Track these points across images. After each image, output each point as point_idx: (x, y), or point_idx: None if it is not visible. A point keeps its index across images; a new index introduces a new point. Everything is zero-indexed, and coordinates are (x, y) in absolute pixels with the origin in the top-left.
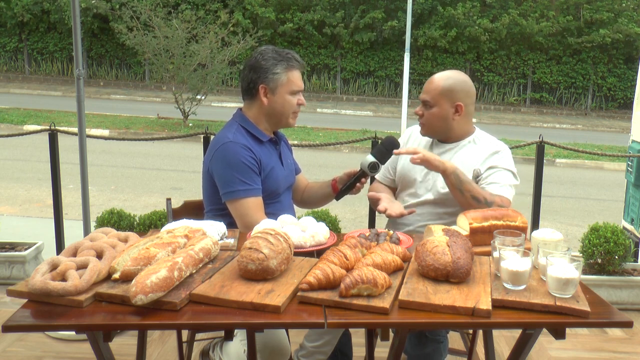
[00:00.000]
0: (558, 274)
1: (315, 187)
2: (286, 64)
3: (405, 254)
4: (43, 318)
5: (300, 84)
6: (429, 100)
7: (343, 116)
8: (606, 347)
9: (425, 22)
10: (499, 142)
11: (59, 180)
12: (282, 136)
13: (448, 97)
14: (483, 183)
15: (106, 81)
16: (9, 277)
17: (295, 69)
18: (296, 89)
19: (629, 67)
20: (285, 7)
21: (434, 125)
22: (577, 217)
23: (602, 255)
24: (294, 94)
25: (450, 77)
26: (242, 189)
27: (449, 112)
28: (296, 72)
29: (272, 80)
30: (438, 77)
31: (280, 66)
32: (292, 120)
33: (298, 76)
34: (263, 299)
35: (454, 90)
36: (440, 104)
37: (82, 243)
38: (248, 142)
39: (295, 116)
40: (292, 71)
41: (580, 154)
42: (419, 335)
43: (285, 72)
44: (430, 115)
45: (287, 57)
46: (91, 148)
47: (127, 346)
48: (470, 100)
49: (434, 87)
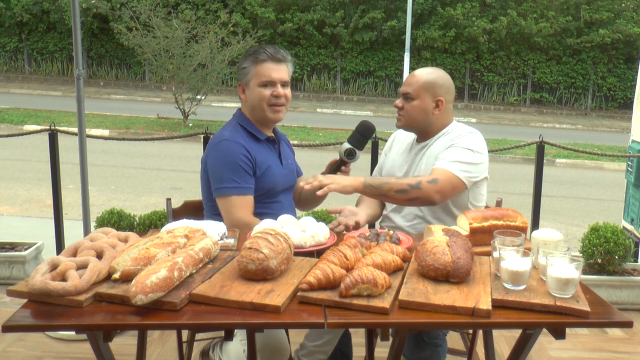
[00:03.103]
0: (558, 274)
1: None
2: (254, 57)
3: (405, 254)
4: (43, 318)
5: (270, 75)
6: (411, 92)
7: (343, 116)
8: (606, 347)
9: (425, 22)
10: (470, 129)
11: (59, 180)
12: (282, 136)
13: (430, 91)
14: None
15: (106, 81)
16: (9, 277)
17: (265, 61)
18: (265, 80)
19: (629, 67)
20: (285, 7)
21: (413, 118)
22: (577, 217)
23: (602, 255)
24: (264, 85)
25: (433, 73)
26: (231, 187)
27: (430, 106)
28: (266, 64)
29: (244, 76)
30: (420, 71)
31: (247, 60)
32: (270, 114)
33: (269, 67)
34: (263, 299)
35: (436, 85)
36: (422, 97)
37: (82, 243)
38: (244, 140)
39: (273, 109)
40: (260, 64)
41: (580, 154)
42: (416, 339)
43: (253, 65)
44: (411, 108)
45: (256, 50)
46: (91, 148)
47: (127, 346)
48: (450, 97)
49: (416, 80)
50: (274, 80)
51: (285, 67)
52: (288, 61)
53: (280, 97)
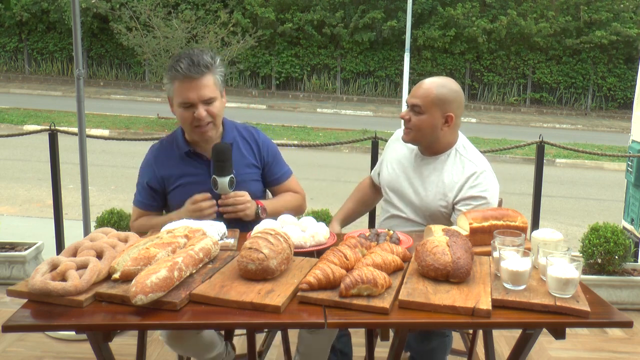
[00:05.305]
0: (558, 274)
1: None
2: (170, 73)
3: (405, 254)
4: (43, 318)
5: (187, 96)
6: (420, 105)
7: (343, 116)
8: (606, 347)
9: (425, 22)
10: (480, 158)
11: (59, 180)
12: (248, 136)
13: (440, 107)
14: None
15: (106, 81)
16: (9, 277)
17: (181, 79)
18: (183, 102)
19: (629, 67)
20: (285, 7)
21: (421, 133)
22: (577, 217)
23: (602, 255)
24: (184, 107)
25: (445, 86)
26: (135, 194)
27: (439, 121)
28: (183, 84)
29: (168, 92)
30: (430, 83)
31: (167, 76)
32: (196, 136)
33: (185, 87)
34: (263, 299)
35: (447, 101)
36: (431, 112)
37: (82, 243)
38: (160, 153)
39: (198, 132)
40: (176, 82)
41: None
42: (422, 330)
43: (172, 83)
44: (419, 122)
45: (173, 65)
46: (91, 148)
47: (127, 346)
48: (460, 112)
49: (426, 94)
50: (192, 102)
51: (207, 80)
52: (211, 70)
53: (202, 119)
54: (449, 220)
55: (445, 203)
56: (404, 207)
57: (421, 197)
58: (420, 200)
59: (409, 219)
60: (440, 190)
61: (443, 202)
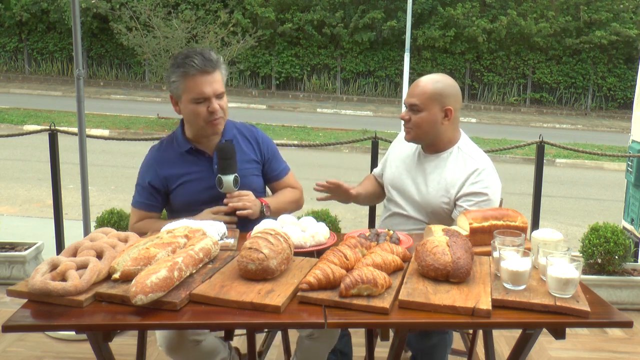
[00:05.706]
0: (558, 274)
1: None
2: (182, 70)
3: (405, 254)
4: (43, 318)
5: (203, 90)
6: (418, 104)
7: (343, 116)
8: (606, 347)
9: (425, 22)
10: (482, 156)
11: (59, 180)
12: (248, 133)
13: (438, 101)
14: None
15: (106, 81)
16: (9, 277)
17: (194, 75)
18: (197, 97)
19: (629, 67)
20: (285, 7)
21: (423, 131)
22: (577, 217)
23: (602, 255)
24: (197, 102)
25: (440, 81)
26: (134, 195)
27: (439, 116)
28: (197, 78)
29: (174, 90)
30: (426, 80)
31: (176, 73)
32: (209, 130)
33: (200, 82)
34: (263, 299)
35: (443, 94)
36: (430, 108)
37: (82, 243)
38: (161, 153)
39: (212, 125)
40: (190, 78)
41: (580, 154)
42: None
43: (183, 80)
44: (420, 120)
45: (184, 61)
46: (91, 148)
47: (127, 346)
48: (459, 105)
49: (422, 91)
50: (207, 96)
51: (218, 75)
52: (219, 66)
53: (216, 112)
54: (450, 217)
55: (447, 199)
56: (406, 204)
57: (423, 194)
58: (422, 197)
59: (410, 216)
60: (442, 186)
61: (445, 199)
